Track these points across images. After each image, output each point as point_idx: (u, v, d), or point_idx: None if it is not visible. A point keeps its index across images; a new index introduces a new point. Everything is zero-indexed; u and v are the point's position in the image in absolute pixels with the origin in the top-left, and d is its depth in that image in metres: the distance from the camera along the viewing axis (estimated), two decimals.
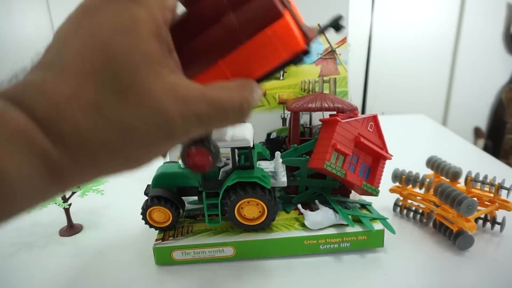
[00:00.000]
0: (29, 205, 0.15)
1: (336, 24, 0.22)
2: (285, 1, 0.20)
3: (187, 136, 0.18)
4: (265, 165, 0.44)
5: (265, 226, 0.42)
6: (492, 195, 0.45)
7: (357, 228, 0.41)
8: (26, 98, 0.15)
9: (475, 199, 0.42)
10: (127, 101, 0.16)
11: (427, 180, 0.47)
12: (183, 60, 0.19)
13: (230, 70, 0.20)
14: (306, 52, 0.20)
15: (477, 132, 1.82)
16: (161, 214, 0.42)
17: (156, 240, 0.41)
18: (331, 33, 0.56)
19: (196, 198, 0.45)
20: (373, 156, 0.46)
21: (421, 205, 0.48)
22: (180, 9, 0.21)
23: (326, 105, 0.47)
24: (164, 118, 0.16)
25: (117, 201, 0.57)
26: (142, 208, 0.42)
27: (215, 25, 0.20)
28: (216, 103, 0.18)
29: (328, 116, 0.47)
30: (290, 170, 0.46)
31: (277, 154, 0.43)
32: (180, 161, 0.46)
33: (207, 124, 0.18)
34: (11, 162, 0.14)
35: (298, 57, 0.20)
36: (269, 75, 0.21)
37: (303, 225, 0.42)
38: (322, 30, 0.23)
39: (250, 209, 0.41)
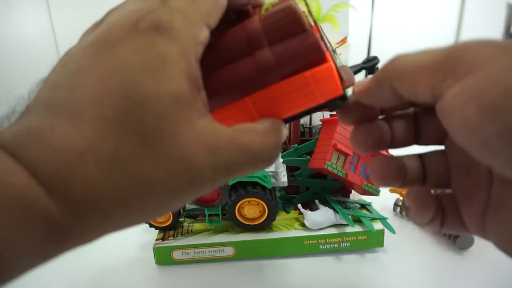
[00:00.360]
0: (23, 272, 0.13)
1: (371, 67, 0.21)
2: (325, 39, 0.18)
3: (214, 186, 0.16)
4: None
5: (266, 226, 0.42)
6: None
7: (357, 228, 0.41)
8: (31, 152, 0.13)
9: None
10: (152, 152, 0.14)
11: None
12: (207, 90, 0.17)
13: (257, 109, 0.18)
14: (343, 98, 0.19)
15: None
16: None
17: (156, 240, 0.41)
18: (331, 33, 0.56)
19: None
20: (373, 156, 0.46)
21: None
22: None
23: None
24: (193, 169, 0.14)
25: None
26: None
27: (247, 57, 0.18)
28: (247, 150, 0.16)
29: (328, 116, 0.47)
30: (290, 170, 0.46)
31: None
32: None
33: (236, 172, 0.16)
34: (1, 234, 0.11)
35: (334, 102, 0.19)
36: (299, 116, 0.19)
37: (303, 225, 0.42)
38: (356, 71, 0.21)
39: (251, 208, 0.41)
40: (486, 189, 0.18)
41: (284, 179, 0.42)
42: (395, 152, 0.22)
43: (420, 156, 0.21)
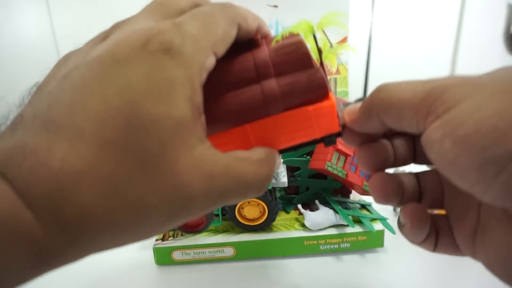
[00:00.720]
0: None
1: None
2: (327, 77, 0.18)
3: (203, 212, 0.16)
4: None
5: (266, 226, 0.42)
6: None
7: (357, 229, 0.41)
8: (24, 173, 0.12)
9: None
10: (149, 177, 0.13)
11: None
12: (207, 115, 0.17)
13: (255, 137, 0.18)
14: (338, 134, 0.19)
15: None
16: None
17: (156, 240, 0.41)
18: (331, 33, 0.56)
19: None
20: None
21: None
22: None
23: None
24: (187, 197, 0.14)
25: None
26: None
27: (253, 85, 0.18)
28: (240, 180, 0.16)
29: None
30: (290, 170, 0.46)
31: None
32: None
33: (226, 200, 0.16)
34: None
35: (330, 138, 0.19)
36: (294, 149, 0.20)
37: (303, 226, 0.42)
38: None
39: (251, 209, 0.41)
40: (476, 210, 0.18)
41: (284, 179, 0.42)
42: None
43: (417, 174, 0.22)
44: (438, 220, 0.20)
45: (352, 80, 0.57)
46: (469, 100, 0.14)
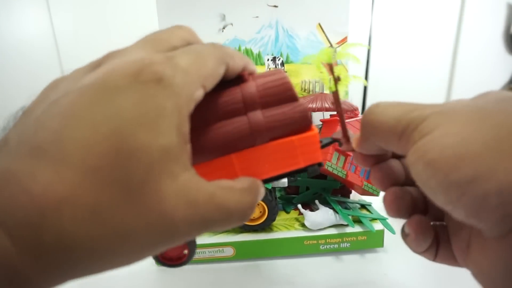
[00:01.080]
0: None
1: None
2: (339, 105, 0.20)
3: (185, 240, 0.16)
4: None
5: (266, 226, 0.42)
6: None
7: (357, 229, 0.41)
8: (4, 199, 0.12)
9: None
10: (133, 205, 0.13)
11: None
12: (194, 144, 0.17)
13: (240, 166, 0.19)
14: (320, 164, 0.20)
15: None
16: None
17: None
18: (331, 33, 0.56)
19: None
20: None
21: None
22: None
23: (326, 106, 0.47)
24: (170, 224, 0.14)
25: None
26: None
27: (239, 117, 0.19)
28: (223, 208, 0.16)
29: (328, 117, 0.47)
30: None
31: None
32: None
33: (209, 228, 0.16)
34: None
35: (313, 167, 0.20)
36: (278, 178, 0.20)
37: (303, 225, 0.42)
38: (327, 143, 0.23)
39: None
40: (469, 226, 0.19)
41: (284, 179, 0.42)
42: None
43: None
44: (440, 231, 0.21)
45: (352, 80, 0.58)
46: (440, 128, 0.15)
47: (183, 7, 0.55)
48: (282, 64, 0.57)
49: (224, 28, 0.56)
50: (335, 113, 0.47)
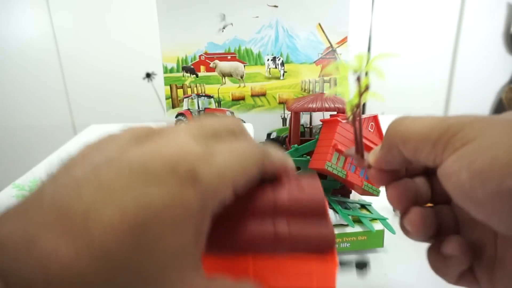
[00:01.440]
0: None
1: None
2: (360, 118, 0.20)
3: None
4: None
5: None
6: None
7: (357, 229, 0.41)
8: (20, 263, 0.12)
9: None
10: None
11: None
12: (214, 232, 0.17)
13: (255, 269, 0.19)
14: None
15: None
16: None
17: None
18: (331, 33, 0.56)
19: None
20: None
21: None
22: None
23: (326, 105, 0.47)
24: None
25: None
26: None
27: (265, 220, 0.19)
28: None
29: (328, 117, 0.47)
30: None
31: None
32: None
33: None
34: None
35: None
36: None
37: None
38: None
39: None
40: (493, 244, 0.19)
41: None
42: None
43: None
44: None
45: (352, 80, 0.57)
46: (484, 137, 0.15)
47: (183, 7, 0.55)
48: (282, 64, 0.57)
49: (224, 28, 0.56)
50: (335, 113, 0.47)
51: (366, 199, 0.47)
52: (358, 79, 0.20)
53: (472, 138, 0.15)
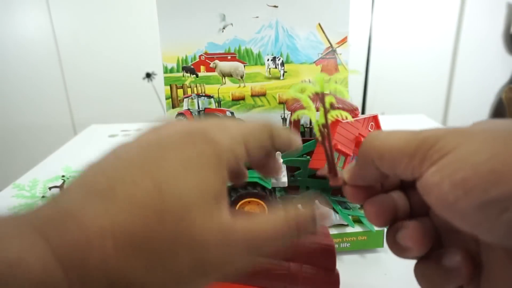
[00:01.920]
0: None
1: None
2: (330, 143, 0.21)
3: (222, 276, 0.17)
4: None
5: None
6: None
7: (357, 229, 0.41)
8: (61, 234, 0.14)
9: None
10: (167, 234, 0.15)
11: None
12: None
13: None
14: None
15: None
16: None
17: None
18: (331, 33, 0.56)
19: None
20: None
21: None
22: None
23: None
24: (199, 258, 0.16)
25: None
26: None
27: (283, 270, 0.24)
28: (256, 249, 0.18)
29: None
30: (290, 170, 0.46)
31: (278, 154, 0.43)
32: None
33: (240, 269, 0.17)
34: None
35: None
36: None
37: None
38: None
39: (251, 209, 0.41)
40: (476, 253, 0.18)
41: (284, 179, 0.42)
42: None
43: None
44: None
45: (352, 80, 0.57)
46: (463, 147, 0.15)
47: (183, 7, 0.55)
48: (282, 64, 0.57)
49: (224, 28, 0.56)
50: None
51: None
52: (322, 99, 0.20)
53: (450, 148, 0.15)
